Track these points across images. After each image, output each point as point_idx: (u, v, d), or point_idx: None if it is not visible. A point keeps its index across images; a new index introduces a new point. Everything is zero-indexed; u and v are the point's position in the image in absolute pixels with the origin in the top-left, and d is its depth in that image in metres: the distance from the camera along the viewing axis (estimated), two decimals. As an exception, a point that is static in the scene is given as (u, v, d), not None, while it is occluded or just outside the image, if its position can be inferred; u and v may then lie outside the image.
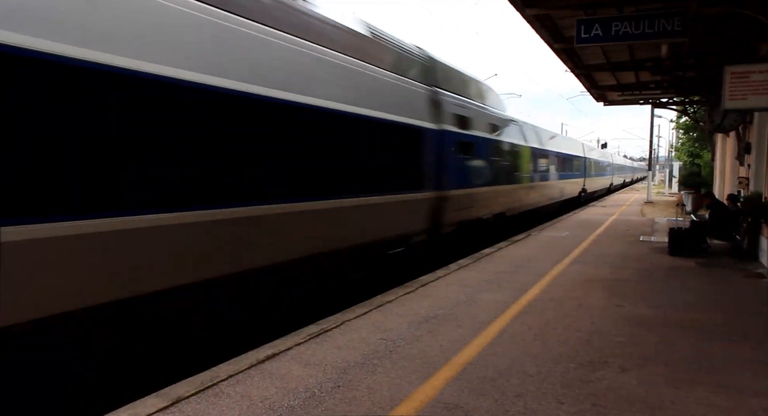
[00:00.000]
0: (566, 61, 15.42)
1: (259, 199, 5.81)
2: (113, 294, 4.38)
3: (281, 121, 6.13)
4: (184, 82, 4.88)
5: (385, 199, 8.34)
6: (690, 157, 36.90)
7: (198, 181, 5.07)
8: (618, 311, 6.70)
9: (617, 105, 24.69)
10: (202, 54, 5.11)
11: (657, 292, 7.77)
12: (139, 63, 4.48)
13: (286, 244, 6.35)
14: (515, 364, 4.84)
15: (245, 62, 5.62)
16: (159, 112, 4.71)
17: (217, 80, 5.23)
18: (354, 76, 7.67)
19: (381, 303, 6.95)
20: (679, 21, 9.05)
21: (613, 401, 4.09)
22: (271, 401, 4.04)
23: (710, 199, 12.78)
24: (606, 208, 25.92)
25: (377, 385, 4.36)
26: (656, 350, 5.27)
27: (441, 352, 5.13)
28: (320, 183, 6.81)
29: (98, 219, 4.17)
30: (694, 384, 4.44)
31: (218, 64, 5.27)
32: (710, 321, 6.31)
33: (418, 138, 9.43)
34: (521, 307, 6.82)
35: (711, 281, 8.66)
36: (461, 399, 4.11)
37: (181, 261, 4.97)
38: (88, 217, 4.11)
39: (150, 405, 3.93)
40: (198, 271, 5.16)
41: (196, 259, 5.12)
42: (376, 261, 8.54)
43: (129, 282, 4.49)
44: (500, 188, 13.83)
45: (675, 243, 11.31)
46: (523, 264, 9.92)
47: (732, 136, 17.54)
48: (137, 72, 4.46)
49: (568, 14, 11.22)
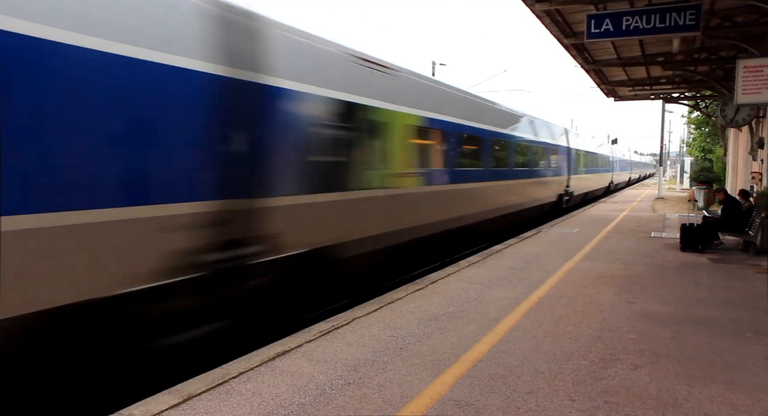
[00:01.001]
0: (576, 56, 15.33)
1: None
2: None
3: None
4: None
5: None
6: (702, 153, 36.59)
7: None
8: (629, 307, 6.66)
9: (628, 100, 24.52)
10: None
11: (669, 288, 7.71)
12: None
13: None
14: (526, 361, 4.82)
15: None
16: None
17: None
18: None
19: (391, 300, 6.95)
20: (692, 14, 8.96)
21: (626, 398, 4.06)
22: (282, 398, 4.05)
23: (723, 195, 12.66)
24: (616, 204, 25.77)
25: (388, 382, 4.35)
26: (668, 347, 5.23)
27: (451, 349, 5.12)
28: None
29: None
30: (707, 381, 4.40)
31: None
32: (723, 317, 6.25)
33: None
34: (532, 304, 6.80)
35: (723, 277, 8.58)
36: (472, 396, 4.10)
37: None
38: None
39: (162, 401, 3.95)
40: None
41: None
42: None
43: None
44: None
45: (687, 239, 11.21)
46: (533, 261, 9.89)
47: (745, 131, 17.37)
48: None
49: (578, 9, 11.16)
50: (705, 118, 29.59)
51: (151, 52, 4.73)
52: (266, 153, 6.10)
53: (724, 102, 15.11)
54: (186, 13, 5.14)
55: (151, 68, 4.73)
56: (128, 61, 4.53)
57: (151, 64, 4.73)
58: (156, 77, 4.78)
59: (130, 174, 4.59)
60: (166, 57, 4.86)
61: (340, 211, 7.39)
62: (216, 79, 5.36)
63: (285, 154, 6.37)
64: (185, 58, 5.05)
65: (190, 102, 5.12)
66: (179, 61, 4.99)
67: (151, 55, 4.73)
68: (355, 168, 7.69)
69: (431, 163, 10.18)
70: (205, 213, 5.23)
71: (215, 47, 5.38)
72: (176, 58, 4.96)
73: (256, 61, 5.92)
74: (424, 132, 9.90)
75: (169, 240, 4.90)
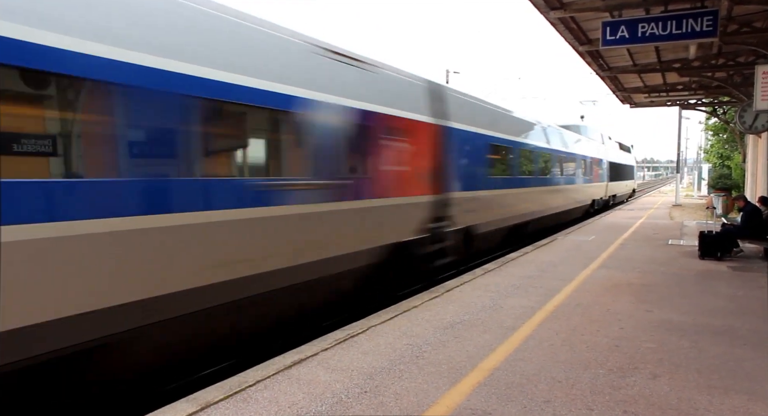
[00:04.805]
0: (591, 63, 15.28)
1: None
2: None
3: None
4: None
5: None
6: (720, 159, 36.16)
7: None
8: (647, 316, 6.59)
9: (644, 107, 24.36)
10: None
11: (687, 297, 7.61)
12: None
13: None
14: (543, 370, 4.79)
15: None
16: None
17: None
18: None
19: (407, 308, 6.95)
20: (709, 20, 8.89)
21: (645, 408, 4.02)
22: (299, 406, 4.06)
23: (743, 202, 12.48)
24: (633, 211, 25.53)
25: (404, 391, 4.35)
26: (687, 356, 5.16)
27: (468, 358, 5.10)
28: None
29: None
30: (728, 391, 4.34)
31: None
32: (743, 327, 6.16)
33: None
34: (548, 313, 6.75)
35: (743, 286, 8.46)
36: (489, 405, 4.08)
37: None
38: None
39: (180, 410, 3.98)
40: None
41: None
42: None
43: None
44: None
45: (705, 246, 11.08)
46: (549, 269, 9.82)
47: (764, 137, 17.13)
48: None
49: (592, 16, 11.13)
50: (723, 125, 29.26)
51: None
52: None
53: (743, 108, 14.93)
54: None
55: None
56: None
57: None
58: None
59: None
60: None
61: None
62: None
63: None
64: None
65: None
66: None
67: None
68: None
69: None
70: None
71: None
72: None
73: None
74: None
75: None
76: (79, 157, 4.10)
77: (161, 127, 4.62)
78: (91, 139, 4.15)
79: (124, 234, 4.22)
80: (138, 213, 4.35)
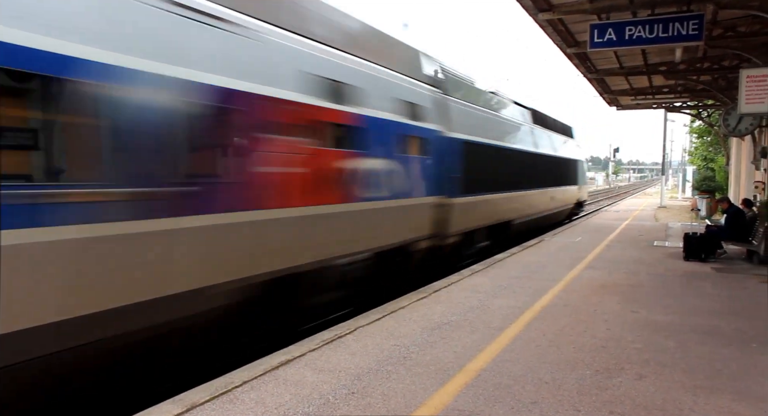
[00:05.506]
0: (579, 65, 15.37)
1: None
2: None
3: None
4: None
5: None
6: (704, 162, 36.58)
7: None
8: (633, 317, 6.63)
9: (630, 109, 24.55)
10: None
11: (672, 298, 7.68)
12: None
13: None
14: (530, 371, 4.80)
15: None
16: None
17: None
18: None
19: (394, 309, 6.93)
20: (695, 24, 8.98)
21: (631, 408, 4.04)
22: (286, 407, 4.03)
23: (727, 204, 12.63)
24: (619, 212, 25.74)
25: (392, 392, 4.33)
26: (673, 356, 5.20)
27: (455, 359, 5.10)
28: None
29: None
30: (713, 391, 4.37)
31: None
32: (727, 327, 6.22)
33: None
34: (535, 313, 6.77)
35: (727, 286, 8.55)
36: (476, 406, 4.08)
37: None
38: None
39: (165, 411, 3.94)
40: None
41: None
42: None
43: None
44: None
45: (690, 248, 11.19)
46: (537, 270, 9.86)
47: (747, 140, 17.36)
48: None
49: (580, 19, 11.20)
50: (707, 128, 29.61)
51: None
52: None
53: (727, 111, 15.12)
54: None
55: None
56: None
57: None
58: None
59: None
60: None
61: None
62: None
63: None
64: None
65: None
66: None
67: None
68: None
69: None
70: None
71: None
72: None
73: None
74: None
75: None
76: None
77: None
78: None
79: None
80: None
